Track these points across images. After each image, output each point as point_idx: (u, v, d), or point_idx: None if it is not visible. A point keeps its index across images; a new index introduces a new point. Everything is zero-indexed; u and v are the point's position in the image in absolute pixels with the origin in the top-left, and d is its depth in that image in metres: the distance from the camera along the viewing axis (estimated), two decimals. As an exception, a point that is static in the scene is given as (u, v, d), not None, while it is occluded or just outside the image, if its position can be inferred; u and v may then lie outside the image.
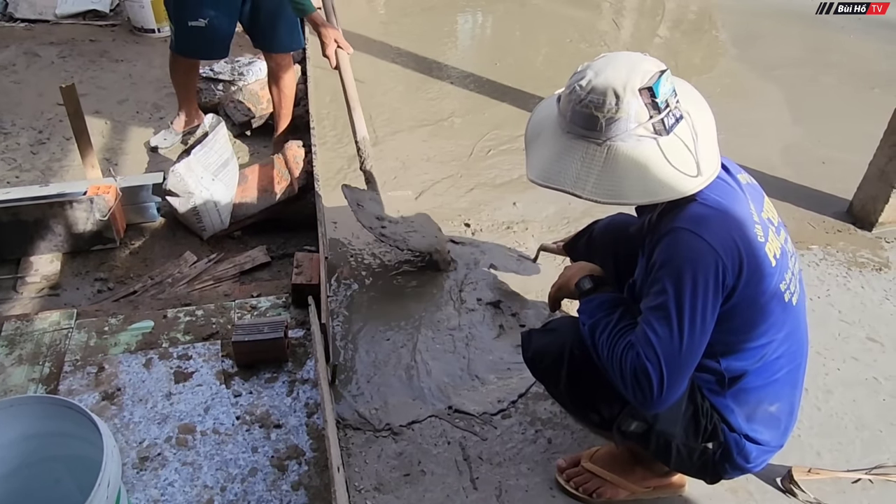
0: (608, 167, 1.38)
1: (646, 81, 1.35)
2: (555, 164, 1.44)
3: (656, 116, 1.36)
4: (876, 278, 2.58)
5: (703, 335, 1.38)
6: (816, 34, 4.78)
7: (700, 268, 1.34)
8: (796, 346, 1.54)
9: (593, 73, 1.38)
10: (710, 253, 1.34)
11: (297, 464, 1.73)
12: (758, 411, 1.53)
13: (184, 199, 2.67)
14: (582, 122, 1.39)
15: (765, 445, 1.56)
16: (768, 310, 1.44)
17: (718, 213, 1.39)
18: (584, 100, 1.37)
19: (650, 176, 1.36)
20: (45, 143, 3.34)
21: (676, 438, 1.54)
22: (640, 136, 1.36)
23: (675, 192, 1.36)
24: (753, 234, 1.40)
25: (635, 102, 1.35)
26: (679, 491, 1.80)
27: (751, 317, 1.43)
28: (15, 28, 4.45)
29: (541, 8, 5.00)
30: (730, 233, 1.37)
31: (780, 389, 1.54)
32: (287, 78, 3.16)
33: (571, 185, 1.40)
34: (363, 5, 5.02)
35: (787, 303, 1.47)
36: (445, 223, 2.77)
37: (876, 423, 2.02)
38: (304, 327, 2.14)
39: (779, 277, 1.44)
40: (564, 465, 1.83)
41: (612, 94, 1.34)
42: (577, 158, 1.40)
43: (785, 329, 1.49)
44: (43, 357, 1.99)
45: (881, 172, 2.76)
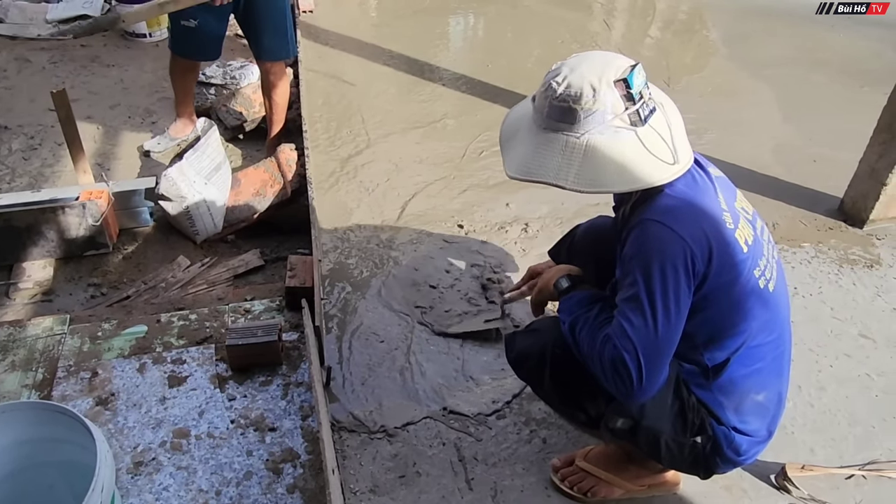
0: (588, 158, 1.41)
1: (619, 74, 1.40)
2: (534, 159, 1.46)
3: (632, 107, 1.39)
4: (867, 275, 2.59)
5: (677, 321, 1.41)
6: (806, 33, 4.80)
7: (668, 256, 1.38)
8: (777, 332, 1.55)
9: (568, 70, 1.43)
10: (678, 241, 1.38)
11: (292, 467, 1.73)
12: (745, 401, 1.54)
13: (176, 204, 2.67)
14: (560, 116, 1.43)
15: (754, 436, 1.58)
16: (743, 296, 1.46)
17: (686, 203, 1.42)
18: (562, 94, 1.41)
19: (629, 165, 1.40)
20: (36, 148, 3.33)
21: (664, 434, 1.55)
22: (618, 127, 1.41)
23: (654, 179, 1.40)
24: (722, 220, 1.44)
25: (611, 94, 1.39)
26: (674, 489, 1.81)
27: (726, 304, 1.46)
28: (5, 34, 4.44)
29: (532, 9, 5.01)
30: (698, 221, 1.41)
31: (765, 378, 1.55)
32: (279, 85, 3.16)
33: (553, 176, 1.43)
34: (354, 8, 5.03)
35: (762, 289, 1.49)
36: (439, 225, 2.77)
37: (869, 419, 2.03)
38: (298, 330, 2.14)
39: (752, 263, 1.46)
40: (559, 464, 1.83)
41: (588, 86, 1.39)
42: (557, 151, 1.44)
43: (763, 316, 1.50)
44: (36, 363, 1.98)
45: (871, 170, 2.77)
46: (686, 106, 3.88)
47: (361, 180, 3.05)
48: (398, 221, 2.80)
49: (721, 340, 1.50)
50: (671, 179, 1.41)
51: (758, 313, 1.49)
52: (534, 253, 2.62)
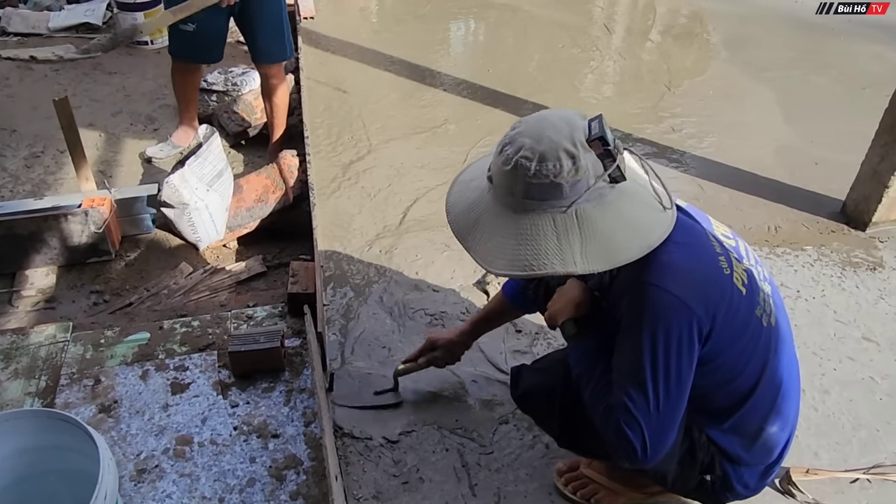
0: (586, 231, 1.29)
1: (590, 132, 1.27)
2: (525, 249, 1.30)
3: (612, 165, 1.27)
4: (870, 278, 2.59)
5: (681, 394, 1.35)
6: (807, 36, 4.80)
7: (673, 326, 1.30)
8: (785, 361, 1.50)
9: (532, 140, 1.28)
10: (683, 309, 1.29)
11: (295, 473, 1.73)
12: (758, 436, 1.50)
13: (179, 210, 2.67)
14: (541, 195, 1.29)
15: (764, 468, 1.55)
16: (749, 341, 1.40)
17: (684, 260, 1.33)
18: (538, 171, 1.26)
19: (633, 226, 1.30)
20: (39, 156, 3.34)
21: (671, 472, 1.52)
22: (601, 189, 1.29)
23: (659, 233, 1.31)
24: (720, 269, 1.35)
25: (590, 157, 1.27)
26: (679, 497, 1.80)
27: (733, 352, 1.39)
28: (8, 42, 4.45)
29: (533, 14, 5.02)
30: (699, 280, 1.32)
31: (777, 410, 1.49)
32: (278, 89, 3.17)
33: (560, 263, 1.28)
34: (355, 14, 5.04)
35: (765, 328, 1.43)
36: (440, 230, 2.77)
37: (873, 422, 2.02)
38: (301, 336, 2.14)
39: (751, 303, 1.40)
40: (564, 468, 1.83)
41: (565, 156, 1.25)
42: (549, 234, 1.29)
43: (769, 351, 1.45)
44: (39, 370, 1.98)
45: (874, 172, 2.77)
46: (687, 109, 3.91)
47: (363, 186, 3.05)
48: (400, 227, 2.80)
49: (731, 385, 1.44)
50: (671, 226, 1.32)
51: (764, 351, 1.44)
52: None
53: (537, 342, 2.25)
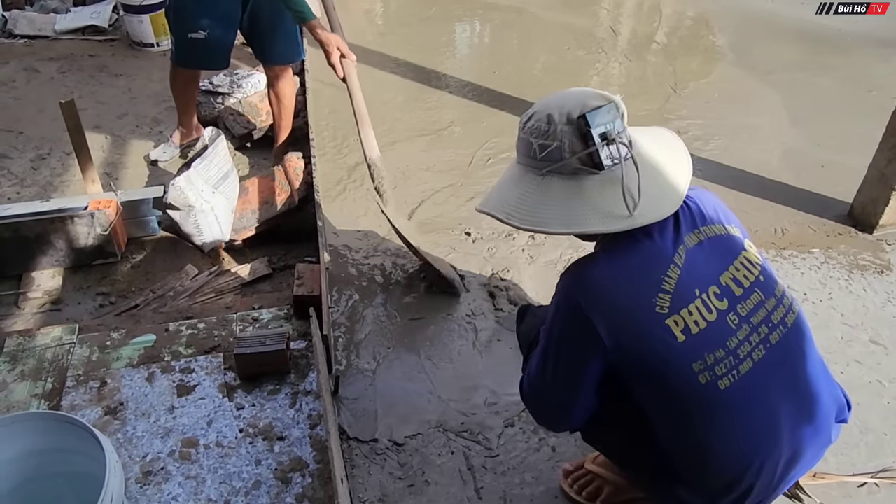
0: (541, 196, 1.34)
1: (582, 111, 1.29)
2: (497, 192, 1.43)
3: (587, 149, 1.29)
4: (878, 281, 2.58)
5: (566, 383, 1.38)
6: (813, 38, 4.79)
7: (568, 320, 1.34)
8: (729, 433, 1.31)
9: (541, 103, 1.36)
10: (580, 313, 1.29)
11: (300, 476, 1.73)
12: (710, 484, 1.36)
13: (184, 213, 2.67)
14: (523, 150, 1.38)
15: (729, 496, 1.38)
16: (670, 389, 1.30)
17: (613, 274, 1.31)
18: (525, 126, 1.36)
19: (571, 208, 1.32)
20: (45, 158, 3.35)
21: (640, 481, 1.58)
22: (576, 168, 1.31)
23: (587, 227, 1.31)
24: (649, 304, 1.27)
25: (568, 131, 1.29)
26: None
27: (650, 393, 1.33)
28: (14, 45, 4.47)
29: (538, 16, 5.02)
30: (615, 297, 1.29)
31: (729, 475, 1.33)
32: (286, 89, 3.17)
33: (505, 214, 1.37)
34: (361, 16, 5.04)
35: (704, 385, 1.28)
36: (446, 232, 2.77)
37: (881, 426, 2.01)
38: (306, 339, 2.14)
39: (688, 355, 1.27)
40: (570, 468, 1.82)
41: (545, 120, 1.32)
42: (518, 186, 1.38)
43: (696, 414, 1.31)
44: (45, 372, 1.99)
45: (881, 175, 2.76)
46: (693, 112, 3.90)
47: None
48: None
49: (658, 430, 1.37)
50: (606, 231, 1.30)
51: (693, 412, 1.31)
52: (541, 260, 2.62)
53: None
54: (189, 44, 2.92)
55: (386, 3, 5.33)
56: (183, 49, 2.98)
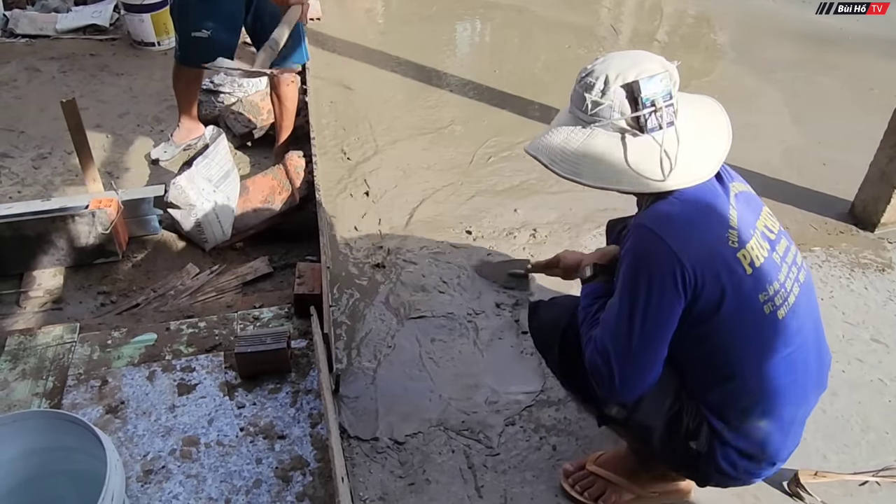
0: (583, 147, 1.43)
1: (637, 76, 1.37)
2: (544, 137, 1.49)
3: (636, 112, 1.38)
4: (879, 279, 2.57)
5: (656, 333, 1.39)
6: (814, 36, 4.78)
7: (654, 265, 1.36)
8: (780, 361, 1.43)
9: (601, 61, 1.43)
10: (665, 251, 1.35)
11: (301, 475, 1.73)
12: (743, 424, 1.46)
13: (185, 212, 2.68)
14: (576, 102, 1.45)
15: (753, 460, 1.49)
16: (739, 320, 1.39)
17: (685, 213, 1.39)
18: (581, 80, 1.43)
19: (609, 164, 1.40)
20: (46, 157, 3.36)
21: (656, 432, 1.52)
22: (620, 128, 1.40)
23: (622, 185, 1.41)
24: (723, 238, 1.38)
25: (620, 93, 1.38)
26: (685, 497, 1.79)
27: (718, 325, 1.39)
28: (16, 44, 4.47)
29: (539, 15, 5.02)
30: (692, 232, 1.37)
31: (767, 406, 1.44)
32: (288, 91, 3.17)
33: (547, 156, 1.46)
34: (361, 15, 5.04)
35: (766, 315, 1.40)
36: (447, 231, 2.77)
37: (882, 424, 2.01)
38: (307, 337, 2.14)
39: (757, 286, 1.39)
40: (571, 469, 1.82)
41: (602, 79, 1.39)
42: (563, 135, 1.46)
43: (761, 342, 1.41)
44: (46, 371, 1.99)
45: (882, 173, 2.75)
46: (694, 110, 3.82)
47: (370, 187, 3.05)
48: (406, 228, 2.80)
49: (715, 362, 1.44)
50: (647, 191, 1.40)
51: (754, 340, 1.41)
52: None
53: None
54: (192, 42, 2.93)
55: (387, 1, 5.33)
56: (186, 47, 2.99)
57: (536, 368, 2.16)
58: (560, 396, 2.06)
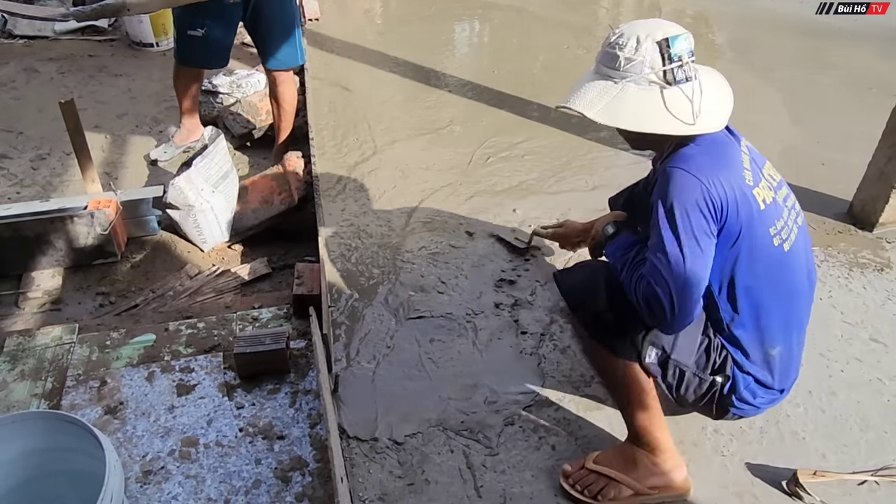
0: (618, 99, 1.57)
1: (665, 35, 1.56)
2: (576, 94, 1.63)
3: (667, 65, 1.55)
4: (878, 279, 2.58)
5: (703, 257, 1.53)
6: (812, 36, 4.79)
7: (689, 198, 1.51)
8: (787, 291, 1.66)
9: (626, 26, 1.61)
10: (697, 184, 1.51)
11: (300, 475, 1.73)
12: (757, 353, 1.67)
13: (184, 212, 2.68)
14: (606, 61, 1.60)
15: (768, 387, 1.71)
16: (754, 250, 1.58)
17: (707, 153, 1.57)
18: (612, 42, 1.59)
19: (647, 111, 1.56)
20: (45, 158, 3.36)
21: (689, 369, 1.68)
22: (651, 81, 1.56)
23: (665, 129, 1.55)
24: (741, 175, 1.57)
25: (652, 49, 1.55)
26: (684, 495, 1.79)
27: (737, 254, 1.58)
28: (14, 45, 4.48)
29: (537, 15, 5.02)
30: (716, 168, 1.54)
31: (775, 334, 1.67)
32: (286, 93, 3.18)
33: (582, 107, 1.59)
34: (360, 15, 5.05)
35: (776, 248, 1.61)
36: (446, 231, 2.77)
37: (881, 424, 2.01)
38: (306, 338, 2.14)
39: (767, 221, 1.59)
40: (570, 469, 1.82)
41: (634, 38, 1.56)
42: (597, 89, 1.60)
43: (773, 272, 1.62)
44: (45, 372, 1.99)
45: (881, 173, 2.76)
46: (693, 110, 3.81)
47: (368, 187, 3.05)
48: (405, 228, 2.80)
49: (732, 291, 1.62)
50: (680, 134, 1.56)
51: (767, 270, 1.60)
52: (542, 258, 2.62)
53: (543, 343, 2.25)
54: (188, 41, 2.95)
55: (386, 1, 5.33)
56: (183, 46, 3.02)
57: (535, 368, 2.16)
58: (559, 396, 2.07)
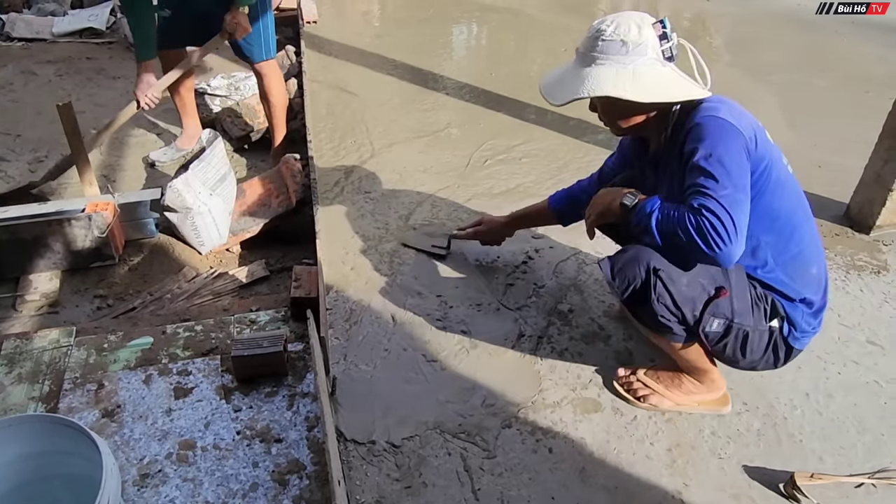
0: (638, 79, 1.70)
1: (658, 19, 1.74)
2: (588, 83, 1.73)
3: (666, 44, 1.72)
4: (875, 281, 2.58)
5: (746, 177, 1.63)
6: (809, 38, 4.80)
7: (729, 137, 1.64)
8: (804, 209, 1.82)
9: (611, 19, 1.73)
10: (733, 127, 1.65)
11: (298, 478, 1.73)
12: (804, 275, 1.80)
13: (182, 215, 2.68)
14: (610, 50, 1.71)
15: (816, 306, 1.84)
16: (780, 182, 1.73)
17: (727, 104, 1.73)
18: (612, 32, 1.71)
19: (672, 83, 1.72)
20: (43, 161, 3.35)
21: (750, 328, 1.79)
22: (655, 60, 1.72)
23: (694, 93, 1.72)
24: (756, 122, 1.74)
25: (651, 33, 1.71)
26: (721, 410, 2.01)
27: (771, 190, 1.71)
28: (12, 47, 4.48)
29: (535, 17, 5.03)
30: (740, 115, 1.70)
31: (812, 252, 1.82)
32: (271, 87, 3.16)
33: (612, 89, 1.70)
34: (358, 18, 5.05)
35: (790, 175, 1.78)
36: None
37: (878, 426, 2.01)
38: (304, 341, 2.14)
39: (780, 154, 1.77)
40: (623, 374, 2.10)
41: (634, 25, 1.70)
42: (611, 75, 1.71)
43: (795, 196, 1.79)
44: (42, 375, 1.99)
45: (877, 176, 2.77)
46: (690, 113, 3.82)
47: (366, 190, 3.06)
48: (403, 231, 2.80)
49: (776, 223, 1.75)
50: (700, 96, 1.72)
51: (792, 194, 1.77)
52: (542, 261, 2.62)
53: (541, 345, 2.25)
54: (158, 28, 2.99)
55: (383, 4, 5.34)
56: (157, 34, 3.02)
57: (533, 371, 2.17)
58: (557, 399, 2.07)
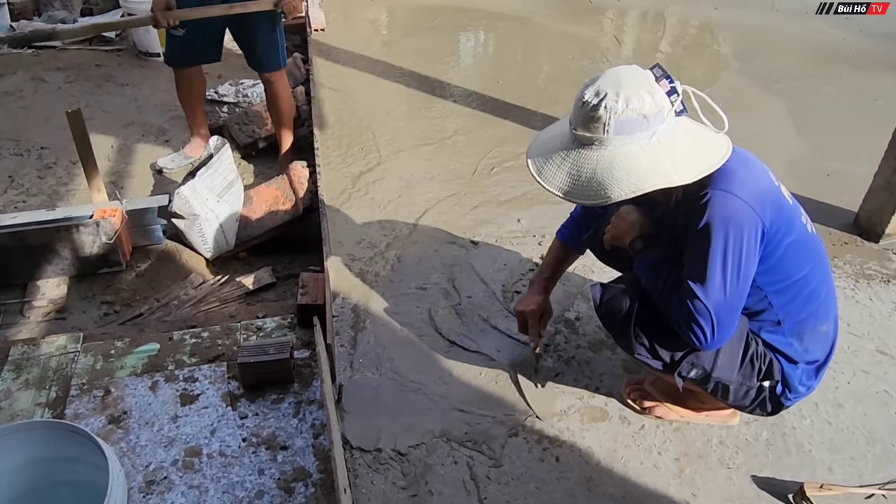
0: (670, 150, 1.52)
1: (655, 75, 1.55)
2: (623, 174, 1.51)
3: (676, 98, 1.55)
4: (884, 290, 2.56)
5: (745, 282, 1.56)
6: (818, 46, 4.79)
7: (743, 225, 1.52)
8: (823, 266, 1.73)
9: (614, 89, 1.50)
10: (746, 209, 1.52)
11: (303, 486, 1.72)
12: (813, 335, 1.71)
13: (189, 221, 2.68)
14: (630, 128, 1.50)
15: (819, 363, 1.76)
16: (798, 244, 1.63)
17: (742, 167, 1.57)
18: (626, 109, 1.49)
19: (706, 142, 1.56)
20: (51, 167, 3.37)
21: (733, 383, 1.73)
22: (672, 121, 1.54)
23: (727, 147, 1.56)
24: (771, 180, 1.62)
25: (661, 94, 1.53)
26: (730, 421, 1.99)
27: (788, 254, 1.61)
28: (22, 54, 4.51)
29: (542, 25, 5.04)
30: (756, 184, 1.56)
31: (827, 308, 1.73)
32: (281, 96, 3.18)
33: (659, 179, 1.49)
34: (366, 26, 5.07)
35: (810, 234, 1.68)
36: (451, 242, 2.77)
37: (888, 436, 2.00)
38: (310, 348, 2.13)
39: (797, 211, 1.66)
40: (631, 381, 2.08)
41: (646, 94, 1.50)
42: (642, 158, 1.51)
43: (814, 255, 1.69)
44: (49, 381, 1.99)
45: (887, 184, 2.75)
46: (698, 121, 3.84)
47: (373, 197, 3.06)
48: (409, 238, 2.80)
49: (791, 286, 1.65)
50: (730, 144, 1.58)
51: (811, 254, 1.67)
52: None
53: (548, 353, 2.24)
54: (173, 41, 3.01)
55: (391, 12, 5.36)
56: (170, 48, 3.06)
57: (540, 379, 2.15)
58: (563, 407, 2.06)
